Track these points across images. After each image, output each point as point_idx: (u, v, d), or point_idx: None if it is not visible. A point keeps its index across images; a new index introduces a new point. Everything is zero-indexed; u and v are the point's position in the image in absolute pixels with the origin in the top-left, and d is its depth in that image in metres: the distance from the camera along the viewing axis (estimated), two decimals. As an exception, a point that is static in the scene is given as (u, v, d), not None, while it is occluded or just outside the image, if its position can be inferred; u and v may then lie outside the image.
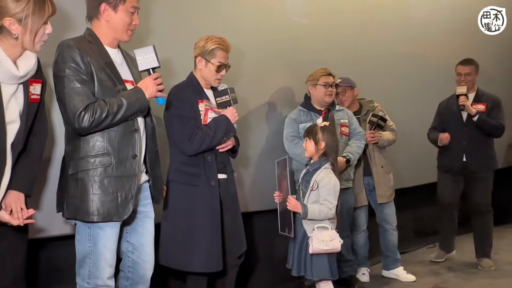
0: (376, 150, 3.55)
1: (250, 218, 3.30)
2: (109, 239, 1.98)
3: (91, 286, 1.97)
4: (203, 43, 2.54)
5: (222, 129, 2.46)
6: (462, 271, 3.87)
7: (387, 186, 3.58)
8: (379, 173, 3.54)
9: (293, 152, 3.19)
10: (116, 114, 1.91)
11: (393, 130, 3.61)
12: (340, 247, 2.53)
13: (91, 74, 1.94)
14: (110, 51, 2.07)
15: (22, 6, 1.73)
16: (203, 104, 2.50)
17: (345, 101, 3.54)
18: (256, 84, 3.31)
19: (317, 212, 2.50)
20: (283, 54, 3.49)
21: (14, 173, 1.84)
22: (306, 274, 2.56)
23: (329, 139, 2.60)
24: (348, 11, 3.98)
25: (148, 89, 1.99)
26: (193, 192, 2.46)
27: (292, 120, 3.26)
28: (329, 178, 2.56)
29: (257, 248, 3.42)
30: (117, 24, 2.04)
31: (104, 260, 1.96)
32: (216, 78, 2.56)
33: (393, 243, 3.66)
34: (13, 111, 1.79)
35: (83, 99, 1.88)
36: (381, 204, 3.59)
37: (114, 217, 1.94)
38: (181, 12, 2.93)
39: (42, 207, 2.28)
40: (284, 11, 3.58)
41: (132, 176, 1.99)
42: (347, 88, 3.52)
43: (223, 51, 2.54)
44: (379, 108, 3.63)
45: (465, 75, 3.83)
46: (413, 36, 4.51)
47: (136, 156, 2.00)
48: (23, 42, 1.77)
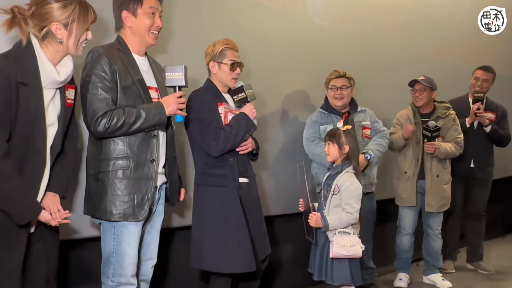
0: (434, 159, 3.44)
1: (271, 222, 3.30)
2: (132, 238, 2.06)
3: (115, 284, 2.05)
4: (211, 48, 2.58)
5: (243, 126, 2.48)
6: (486, 277, 3.83)
7: (439, 197, 3.46)
8: (432, 182, 3.44)
9: (313, 152, 3.18)
10: (133, 125, 2.01)
11: (458, 143, 3.48)
12: (361, 253, 2.50)
13: (116, 82, 2.03)
14: (137, 58, 2.17)
15: (69, 12, 1.82)
16: (223, 107, 2.53)
17: (420, 100, 3.46)
18: (273, 86, 3.31)
19: (338, 222, 2.48)
20: (300, 57, 3.48)
21: (51, 175, 1.90)
22: (326, 279, 2.55)
23: (352, 143, 2.59)
24: (367, 14, 3.97)
25: (170, 106, 2.07)
26: (221, 193, 2.47)
27: (314, 122, 3.25)
28: (351, 181, 2.53)
29: (279, 252, 3.42)
30: (139, 28, 2.14)
31: (128, 258, 2.05)
32: (232, 77, 2.57)
33: (434, 249, 3.56)
34: (52, 115, 1.86)
35: (103, 106, 1.99)
36: (429, 212, 3.49)
37: (130, 217, 2.03)
38: (194, 18, 2.95)
39: (72, 209, 2.33)
40: (305, 13, 3.59)
41: (149, 179, 2.08)
42: (426, 87, 3.44)
43: (232, 50, 2.57)
44: (452, 116, 3.51)
45: (483, 81, 3.86)
46: (434, 40, 4.48)
47: (154, 161, 2.09)
48: (67, 47, 1.85)
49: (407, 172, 3.49)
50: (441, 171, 3.46)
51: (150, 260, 2.25)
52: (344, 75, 3.21)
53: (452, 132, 3.50)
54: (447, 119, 3.50)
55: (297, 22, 3.49)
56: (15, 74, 1.73)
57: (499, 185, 4.79)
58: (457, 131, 3.51)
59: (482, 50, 4.81)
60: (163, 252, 2.74)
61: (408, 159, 3.49)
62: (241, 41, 2.71)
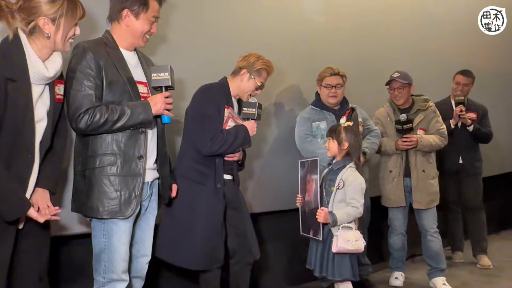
0: (419, 153, 3.38)
1: (260, 219, 3.27)
2: (123, 234, 2.04)
3: (107, 280, 2.03)
4: (253, 59, 2.63)
5: (240, 139, 2.51)
6: (481, 274, 3.85)
7: (427, 192, 3.38)
8: (419, 177, 3.37)
9: (306, 150, 3.15)
10: (116, 122, 1.98)
11: (442, 134, 3.43)
12: (363, 248, 2.52)
13: (101, 78, 2.01)
14: (125, 53, 2.15)
15: (56, 7, 1.80)
16: (228, 110, 2.56)
17: (400, 98, 3.42)
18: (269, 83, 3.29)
19: (346, 217, 2.49)
20: (297, 53, 3.46)
21: (40, 171, 1.87)
22: (327, 274, 2.55)
23: (352, 140, 2.58)
24: (364, 11, 3.96)
25: (156, 106, 2.05)
26: (199, 190, 2.49)
27: (305, 118, 3.22)
28: (355, 176, 2.55)
29: (271, 248, 3.40)
30: (136, 31, 2.13)
31: (119, 254, 2.02)
32: (251, 94, 2.64)
33: (434, 250, 3.40)
34: (40, 110, 1.84)
35: (86, 102, 1.95)
36: (418, 209, 3.42)
37: (117, 215, 2.00)
38: (196, 12, 2.94)
39: (63, 205, 2.29)
40: (301, 10, 3.57)
41: (137, 175, 2.04)
42: (404, 84, 3.39)
43: (267, 74, 2.67)
44: (432, 108, 3.48)
45: (464, 86, 4.06)
46: (431, 37, 4.48)
47: (142, 157, 2.06)
48: (55, 42, 1.83)
49: (392, 171, 3.43)
50: (426, 166, 3.39)
51: (145, 257, 2.22)
52: (338, 73, 3.17)
53: (434, 123, 3.44)
54: (427, 112, 3.44)
55: (292, 18, 3.46)
56: (3, 71, 1.70)
57: (495, 182, 4.83)
58: (439, 122, 3.46)
59: (478, 47, 4.84)
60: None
61: (392, 158, 3.43)
62: (237, 34, 2.69)
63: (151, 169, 2.16)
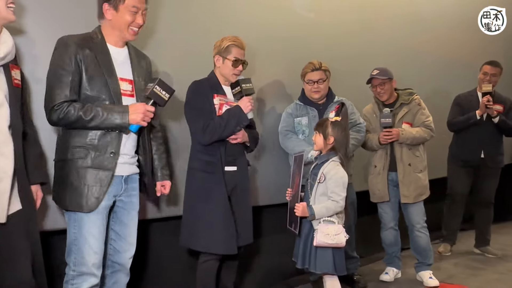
0: (404, 146, 3.34)
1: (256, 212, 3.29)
2: (93, 225, 2.03)
3: (77, 274, 2.03)
4: (219, 42, 2.69)
5: (234, 119, 2.56)
6: (466, 266, 3.90)
7: (415, 186, 3.34)
8: (405, 171, 3.33)
9: (286, 146, 3.18)
10: (89, 122, 1.99)
11: (427, 126, 3.37)
12: (344, 242, 2.50)
13: (80, 72, 2.01)
14: (112, 49, 2.14)
15: None
16: (218, 98, 2.62)
17: (383, 94, 3.38)
18: (259, 78, 3.26)
19: (325, 211, 2.48)
20: (287, 49, 3.46)
21: (26, 165, 1.86)
22: (309, 267, 2.55)
23: (339, 135, 2.56)
24: (353, 7, 3.97)
25: (136, 115, 2.03)
26: (209, 179, 2.59)
27: (288, 114, 3.23)
28: (337, 170, 2.53)
29: (264, 241, 3.43)
30: (118, 23, 2.12)
31: (89, 246, 2.01)
32: (233, 73, 2.66)
33: (420, 245, 3.41)
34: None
35: (61, 96, 1.97)
36: (405, 203, 3.39)
37: (83, 208, 2.00)
38: (184, 6, 2.93)
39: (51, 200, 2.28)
40: (290, 5, 3.57)
41: (107, 170, 2.05)
42: (385, 80, 3.36)
43: (238, 48, 2.66)
44: (417, 101, 3.41)
45: (491, 76, 4.02)
46: (419, 33, 4.51)
47: (115, 153, 2.05)
48: None
49: (377, 166, 3.42)
50: (413, 159, 3.35)
51: (127, 252, 2.22)
52: (320, 67, 3.14)
53: (419, 116, 3.39)
54: (411, 105, 3.40)
55: (282, 14, 3.47)
56: None
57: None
58: (424, 115, 3.40)
59: (465, 42, 4.87)
60: (143, 244, 2.73)
61: (378, 152, 3.41)
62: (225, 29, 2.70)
63: (127, 163, 2.15)
